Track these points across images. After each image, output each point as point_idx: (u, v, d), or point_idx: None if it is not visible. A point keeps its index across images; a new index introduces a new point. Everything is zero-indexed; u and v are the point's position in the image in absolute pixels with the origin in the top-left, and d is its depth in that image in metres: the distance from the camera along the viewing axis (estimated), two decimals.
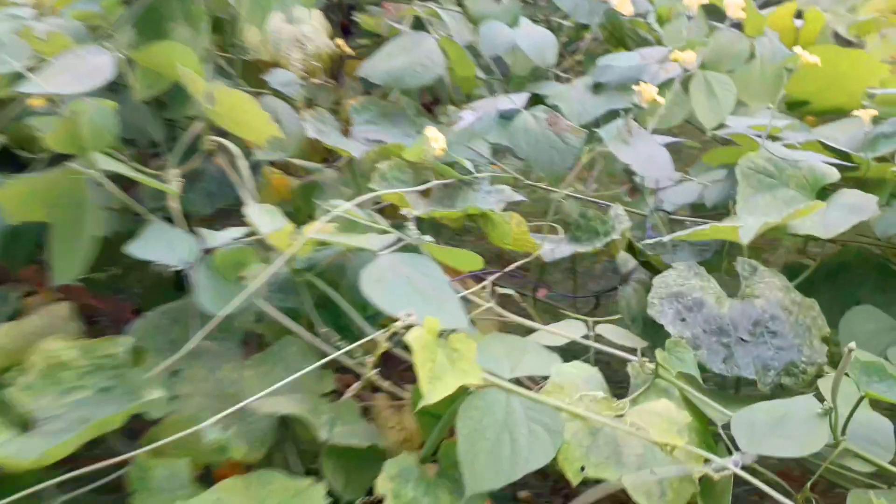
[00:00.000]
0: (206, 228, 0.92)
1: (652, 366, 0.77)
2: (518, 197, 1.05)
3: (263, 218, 0.89)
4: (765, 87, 1.55)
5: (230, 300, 0.84)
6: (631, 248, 1.04)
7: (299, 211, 1.27)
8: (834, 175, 1.01)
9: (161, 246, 0.88)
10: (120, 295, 1.49)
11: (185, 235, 0.89)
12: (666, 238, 0.93)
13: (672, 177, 1.09)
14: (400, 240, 0.87)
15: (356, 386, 0.74)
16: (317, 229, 0.89)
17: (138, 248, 0.86)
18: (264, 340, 1.01)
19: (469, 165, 1.09)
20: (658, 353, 0.75)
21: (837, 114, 1.54)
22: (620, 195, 1.39)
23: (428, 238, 0.86)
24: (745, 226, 0.91)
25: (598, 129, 1.11)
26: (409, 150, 1.05)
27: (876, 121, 1.33)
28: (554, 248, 1.00)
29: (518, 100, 1.21)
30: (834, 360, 0.83)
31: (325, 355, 0.92)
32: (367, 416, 0.90)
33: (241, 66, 1.40)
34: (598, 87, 1.60)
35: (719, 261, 1.01)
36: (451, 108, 1.56)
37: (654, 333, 0.98)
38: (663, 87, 1.52)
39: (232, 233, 0.88)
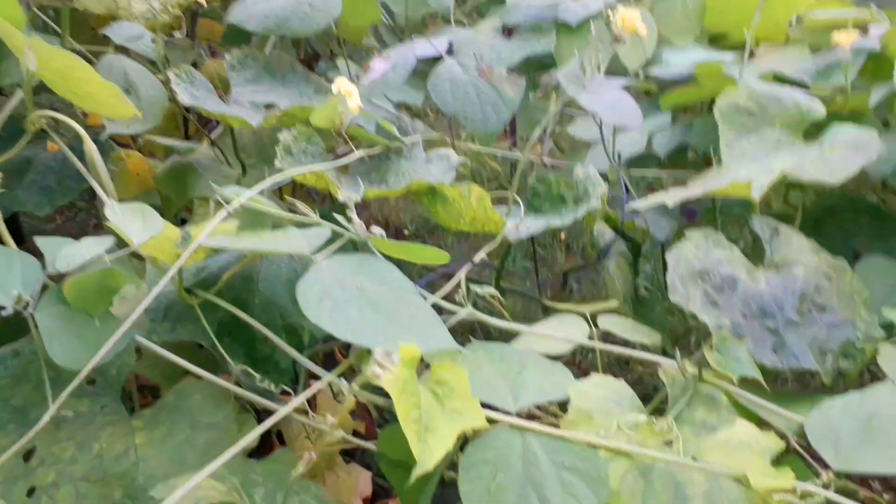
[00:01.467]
0: (47, 238, 0.63)
1: (693, 369, 0.59)
2: (460, 160, 0.83)
3: (132, 221, 0.62)
4: (687, 20, 1.41)
5: (96, 345, 0.58)
6: (605, 217, 0.86)
7: (169, 202, 0.99)
8: (820, 111, 0.87)
9: None
10: None
11: (15, 256, 0.61)
12: (660, 200, 0.76)
13: (637, 125, 0.91)
14: (336, 235, 0.63)
15: (310, 458, 0.51)
16: (211, 231, 0.63)
17: None
18: (156, 384, 0.74)
19: (394, 127, 0.86)
20: (708, 353, 0.58)
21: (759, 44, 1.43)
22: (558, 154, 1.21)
23: (377, 231, 0.62)
24: (754, 179, 0.75)
25: (560, 75, 0.91)
26: (317, 111, 0.81)
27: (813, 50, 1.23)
28: (518, 224, 0.79)
29: (439, 44, 0.98)
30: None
31: (241, 399, 0.68)
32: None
33: (69, 20, 1.08)
34: (508, 30, 1.40)
35: (710, 222, 0.85)
36: (341, 62, 1.31)
37: (646, 317, 0.81)
38: (581, 26, 1.35)
39: (89, 247, 0.60)
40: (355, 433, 0.87)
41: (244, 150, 1.03)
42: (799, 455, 0.57)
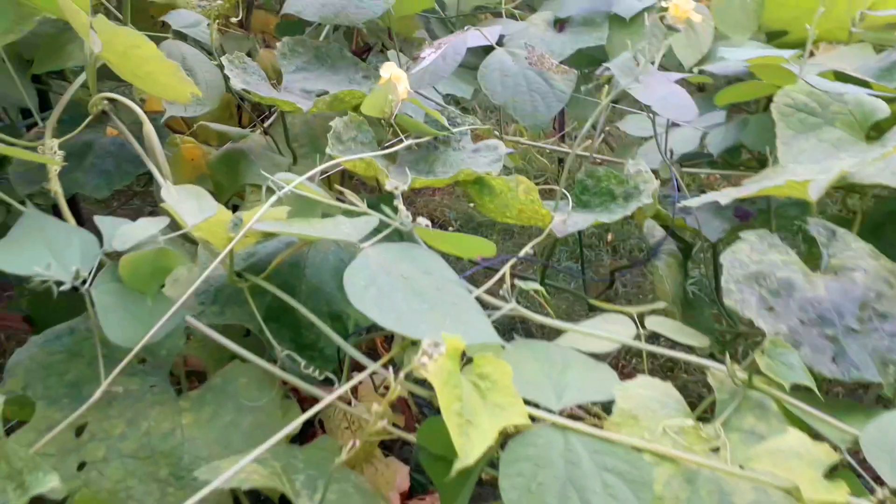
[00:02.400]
0: (105, 218, 0.64)
1: (743, 375, 0.57)
2: (508, 151, 0.82)
3: (186, 203, 0.63)
4: (745, 16, 1.37)
5: (148, 324, 0.58)
6: (656, 215, 0.84)
7: (221, 189, 1.00)
8: (884, 110, 0.83)
9: (36, 251, 0.60)
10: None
11: (75, 232, 0.62)
12: (713, 198, 0.73)
13: (692, 119, 0.89)
14: (383, 225, 0.63)
15: (353, 446, 0.50)
16: (262, 215, 0.63)
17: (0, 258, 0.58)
18: (203, 369, 0.75)
19: (443, 117, 0.85)
20: (759, 357, 0.55)
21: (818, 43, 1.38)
22: (598, 149, 1.19)
23: (423, 221, 0.62)
24: (813, 179, 0.72)
25: (608, 67, 0.88)
26: (367, 99, 0.80)
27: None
28: (565, 218, 0.78)
29: (491, 34, 0.97)
30: None
31: (285, 384, 0.68)
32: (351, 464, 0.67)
33: (130, 7, 1.10)
34: (560, 24, 1.38)
35: (764, 223, 0.82)
36: (392, 54, 1.30)
37: (694, 320, 0.79)
38: (635, 20, 1.32)
39: (144, 227, 0.61)
40: (394, 426, 0.87)
41: (296, 139, 1.03)
42: (852, 469, 0.55)
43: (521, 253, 0.70)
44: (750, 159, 1.26)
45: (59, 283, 0.56)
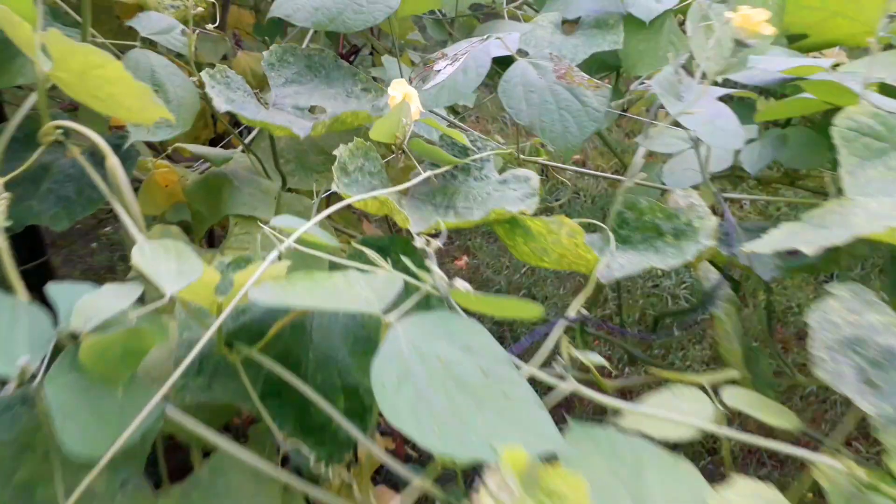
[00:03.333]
0: (61, 286, 0.51)
1: (862, 475, 0.46)
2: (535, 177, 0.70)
3: (163, 265, 0.50)
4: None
5: (119, 423, 0.46)
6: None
7: (200, 219, 0.86)
8: None
9: None
10: None
11: (23, 311, 0.48)
12: (789, 244, 0.62)
13: (739, 146, 0.78)
14: (409, 285, 0.50)
15: None
16: (258, 277, 0.51)
17: None
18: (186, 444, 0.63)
19: (463, 140, 0.73)
20: (889, 458, 0.45)
21: (838, 47, 1.29)
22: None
23: (462, 284, 0.50)
24: (879, 215, 0.61)
25: (654, 82, 0.77)
26: (378, 124, 0.68)
27: None
28: (610, 261, 0.66)
29: (510, 41, 0.85)
30: None
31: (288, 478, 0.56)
32: None
33: (91, 8, 0.96)
34: (568, 25, 1.26)
35: (830, 263, 0.72)
36: (387, 59, 1.18)
37: (755, 375, 0.68)
38: (654, 23, 1.21)
39: (111, 299, 0.48)
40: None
41: (281, 154, 0.90)
42: None
43: (571, 312, 0.59)
44: (780, 174, 1.16)
45: (1, 385, 0.43)
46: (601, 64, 1.28)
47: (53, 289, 0.50)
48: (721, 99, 0.86)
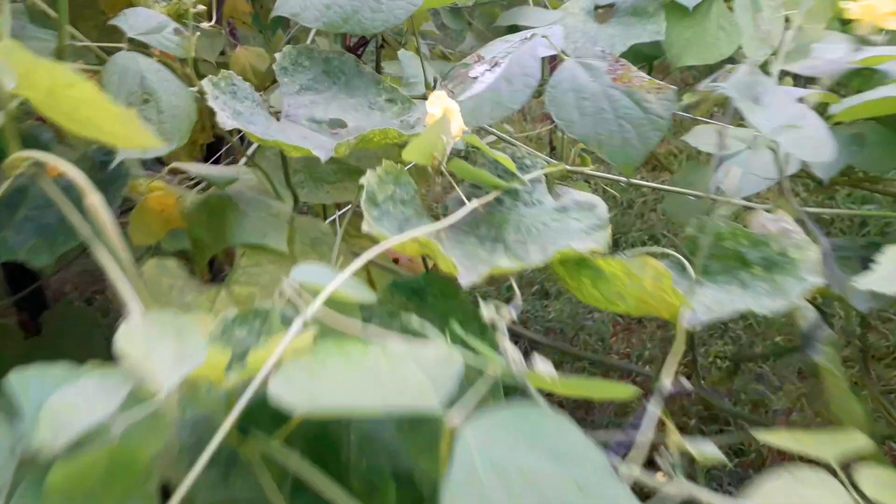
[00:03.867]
0: (24, 375, 0.39)
1: None
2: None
3: (159, 349, 0.39)
4: (820, 1, 1.14)
5: None
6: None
7: (202, 248, 0.75)
8: None
9: None
10: None
11: None
12: None
13: (829, 158, 0.66)
14: (472, 369, 0.39)
15: None
16: (279, 355, 0.40)
17: None
18: None
19: (510, 164, 0.61)
20: None
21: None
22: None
23: (544, 365, 0.38)
24: None
25: (730, 84, 0.65)
26: (415, 143, 0.56)
27: None
28: (692, 300, 0.55)
29: (555, 37, 0.73)
30: None
31: None
32: None
33: (73, 5, 0.84)
34: (601, 12, 1.14)
35: None
36: (404, 54, 1.06)
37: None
38: (698, 9, 1.09)
39: (90, 401, 0.37)
40: None
41: (299, 175, 0.79)
42: None
43: (665, 380, 0.48)
44: (846, 178, 1.04)
45: None
46: (636, 54, 1.15)
47: (17, 380, 0.39)
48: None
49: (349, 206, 1.08)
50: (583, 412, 1.68)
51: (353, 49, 1.36)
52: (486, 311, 0.39)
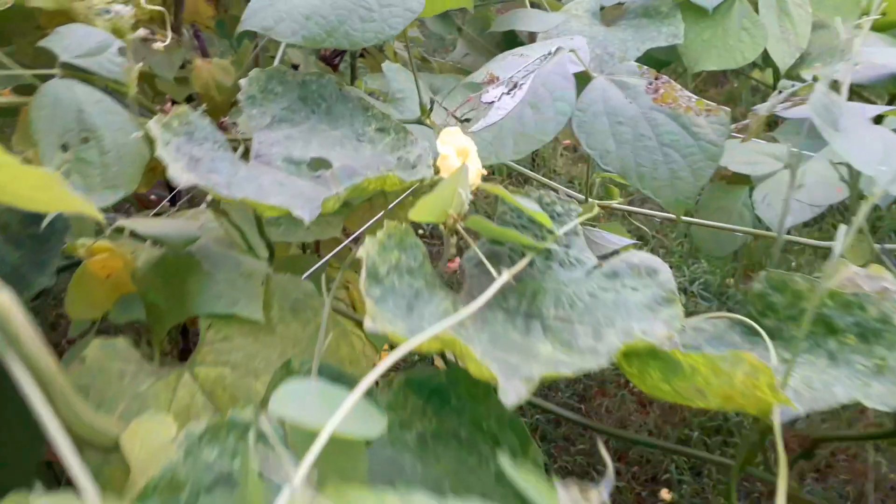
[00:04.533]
0: None
1: None
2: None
3: None
4: None
5: None
6: None
7: (159, 316, 0.61)
8: None
9: None
10: None
11: None
12: None
13: None
14: None
15: None
16: None
17: None
18: None
19: (540, 214, 0.48)
20: None
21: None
22: None
23: None
24: None
25: (811, 107, 0.53)
26: (426, 200, 0.43)
27: None
28: (791, 386, 0.43)
29: (581, 50, 0.60)
30: None
31: None
32: None
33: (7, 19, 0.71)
34: (607, 13, 1.02)
35: None
36: (389, 66, 0.92)
37: None
38: (718, 10, 0.97)
39: None
40: None
41: (278, 226, 0.65)
42: None
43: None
44: None
45: None
46: (648, 58, 1.04)
47: None
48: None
49: (333, 250, 0.94)
50: (581, 427, 1.57)
51: (328, 59, 1.22)
52: (568, 497, 0.27)
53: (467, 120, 0.56)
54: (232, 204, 0.66)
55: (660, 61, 1.06)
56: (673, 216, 0.75)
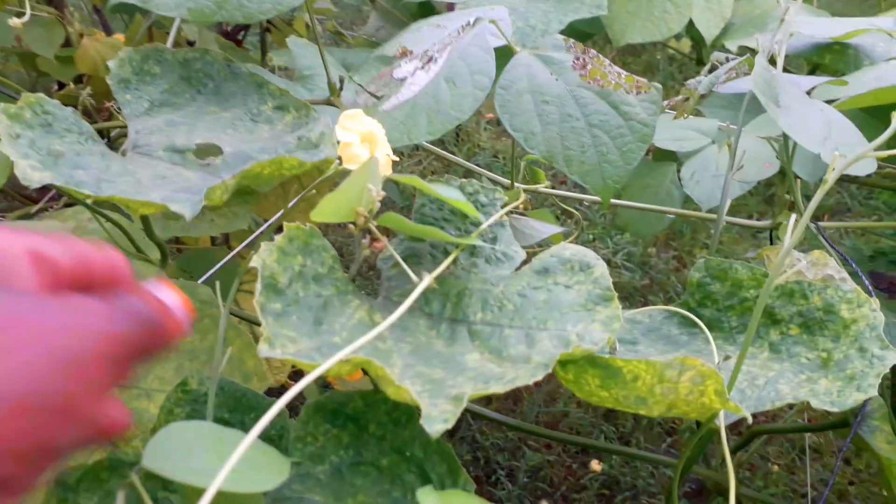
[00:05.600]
0: None
1: None
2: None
3: None
4: None
5: None
6: None
7: None
8: None
9: None
10: None
11: None
12: None
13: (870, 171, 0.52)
14: None
15: None
16: None
17: None
18: None
19: (464, 204, 0.43)
20: None
21: None
22: None
23: None
24: None
25: (754, 81, 0.49)
26: (331, 198, 0.37)
27: None
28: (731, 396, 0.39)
29: (502, 21, 0.54)
30: None
31: None
32: None
33: None
34: None
35: None
36: (295, 41, 0.84)
37: None
38: None
39: None
40: None
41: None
42: None
43: None
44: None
45: None
46: (570, 30, 0.99)
47: None
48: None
49: (244, 240, 0.86)
50: (511, 402, 1.55)
51: (230, 35, 1.12)
52: None
53: (378, 98, 0.49)
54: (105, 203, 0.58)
55: (582, 33, 1.02)
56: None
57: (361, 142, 0.39)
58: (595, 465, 1.63)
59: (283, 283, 0.37)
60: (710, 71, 0.63)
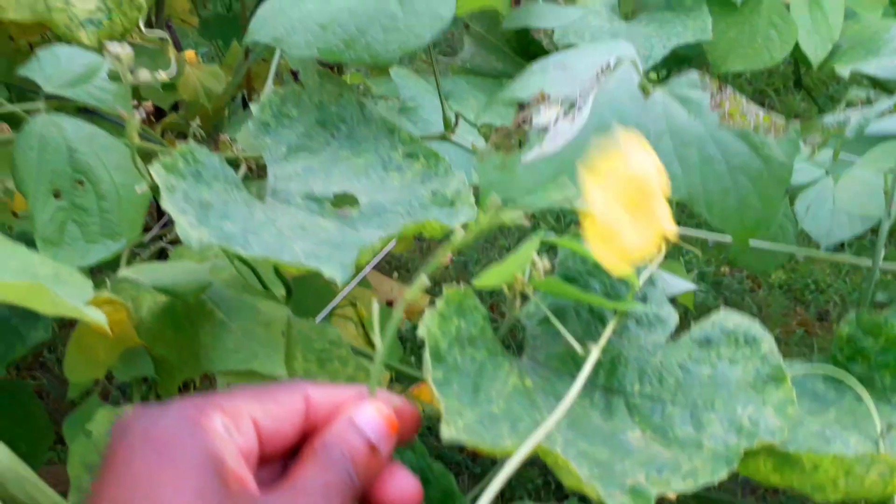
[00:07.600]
0: None
1: None
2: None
3: None
4: None
5: None
6: None
7: (167, 371, 0.54)
8: None
9: None
10: None
11: None
12: None
13: None
14: None
15: None
16: None
17: None
18: None
19: (633, 279, 0.40)
20: None
21: None
22: None
23: None
24: None
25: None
26: (500, 268, 0.34)
27: None
28: None
29: (630, 56, 0.51)
30: None
31: None
32: None
33: None
34: (624, 5, 0.92)
35: None
36: (399, 72, 0.82)
37: None
38: (749, 3, 0.88)
39: None
40: None
41: None
42: None
43: None
44: None
45: None
46: (677, 58, 0.93)
47: None
48: None
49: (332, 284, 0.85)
50: None
51: (331, 64, 1.10)
52: None
53: (519, 143, 0.46)
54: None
55: (680, 58, 0.96)
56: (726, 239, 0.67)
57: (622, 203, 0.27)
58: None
59: (443, 348, 0.35)
60: (847, 107, 0.58)
